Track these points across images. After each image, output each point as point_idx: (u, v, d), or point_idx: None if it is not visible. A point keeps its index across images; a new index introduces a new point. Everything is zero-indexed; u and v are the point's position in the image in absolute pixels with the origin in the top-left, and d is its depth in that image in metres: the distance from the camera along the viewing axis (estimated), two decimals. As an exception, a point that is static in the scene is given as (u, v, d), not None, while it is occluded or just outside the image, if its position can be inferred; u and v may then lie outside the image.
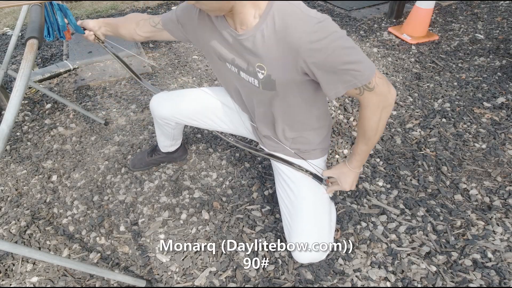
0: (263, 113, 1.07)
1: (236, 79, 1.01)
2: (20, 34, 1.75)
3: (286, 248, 1.32)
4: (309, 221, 1.07)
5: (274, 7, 0.80)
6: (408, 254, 1.28)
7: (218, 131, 1.33)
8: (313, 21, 0.77)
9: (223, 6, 0.80)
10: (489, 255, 1.26)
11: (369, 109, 0.89)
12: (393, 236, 1.35)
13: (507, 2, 3.17)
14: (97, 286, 1.23)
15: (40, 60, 2.65)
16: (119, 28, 1.21)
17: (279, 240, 1.35)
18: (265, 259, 1.29)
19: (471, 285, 1.18)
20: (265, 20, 0.82)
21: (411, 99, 2.06)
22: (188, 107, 1.24)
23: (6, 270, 1.29)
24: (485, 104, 1.98)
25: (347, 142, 1.78)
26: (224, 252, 1.32)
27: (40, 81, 2.32)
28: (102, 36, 1.29)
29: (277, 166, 1.22)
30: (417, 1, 2.63)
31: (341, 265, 1.27)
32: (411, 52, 2.52)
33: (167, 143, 1.52)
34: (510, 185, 1.51)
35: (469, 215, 1.40)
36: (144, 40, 1.20)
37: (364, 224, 1.39)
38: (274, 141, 1.16)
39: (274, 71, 0.87)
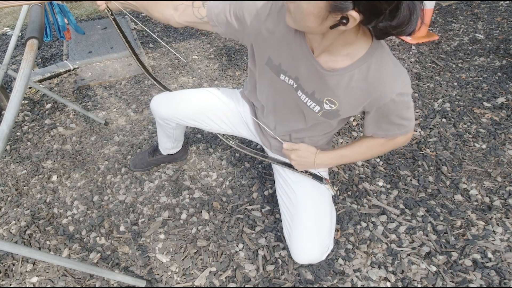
0: (295, 126, 1.06)
1: (287, 93, 0.95)
2: (20, 34, 1.75)
3: (286, 248, 1.32)
4: (309, 222, 1.07)
5: (375, 57, 0.78)
6: (408, 254, 1.28)
7: (219, 134, 1.33)
8: (403, 81, 0.80)
9: (318, 29, 0.70)
10: (489, 255, 1.26)
11: (391, 144, 0.99)
12: (393, 236, 1.35)
13: (507, 2, 3.17)
14: (97, 286, 1.23)
15: (40, 60, 2.65)
16: (149, 9, 1.07)
17: (279, 240, 1.35)
18: (265, 259, 1.29)
19: (471, 285, 1.18)
20: (360, 65, 0.79)
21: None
22: (188, 107, 1.24)
23: (6, 270, 1.29)
24: (485, 104, 1.98)
25: (347, 143, 1.78)
26: (224, 252, 1.32)
27: (40, 81, 2.33)
28: (115, 7, 1.13)
29: (277, 168, 1.22)
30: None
31: (341, 265, 1.27)
32: (411, 52, 2.53)
33: (169, 145, 1.52)
34: (510, 185, 1.51)
35: (469, 215, 1.40)
36: (181, 26, 1.09)
37: (364, 224, 1.39)
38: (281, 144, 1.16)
39: (345, 108, 0.88)
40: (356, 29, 0.74)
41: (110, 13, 1.14)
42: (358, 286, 1.21)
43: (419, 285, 1.20)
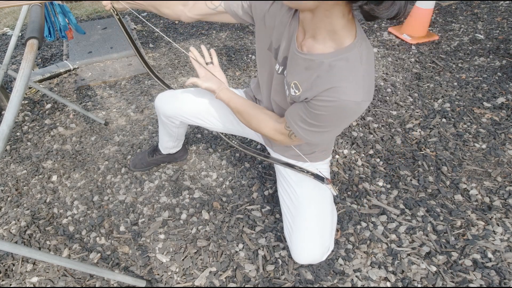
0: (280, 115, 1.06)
1: (279, 77, 0.97)
2: (20, 34, 1.75)
3: (286, 248, 1.32)
4: (311, 222, 1.07)
5: (351, 54, 0.75)
6: (408, 254, 1.28)
7: (222, 133, 1.33)
8: (358, 97, 0.75)
9: (307, 4, 0.71)
10: (489, 255, 1.26)
11: (275, 131, 0.99)
12: (393, 236, 1.35)
13: (507, 2, 3.17)
14: (97, 286, 1.23)
15: (40, 60, 2.65)
16: (158, 6, 1.08)
17: (279, 240, 1.35)
18: (265, 259, 1.29)
19: (471, 285, 1.18)
20: (332, 56, 0.77)
21: (411, 99, 2.06)
22: (193, 105, 1.24)
23: (6, 270, 1.29)
24: (485, 104, 1.98)
25: (347, 142, 1.78)
26: (224, 252, 1.32)
27: (40, 81, 2.33)
28: (121, 6, 1.13)
29: (279, 168, 1.22)
30: (417, 1, 2.63)
31: (341, 265, 1.27)
32: (411, 52, 2.53)
33: (170, 144, 1.52)
34: (510, 185, 1.51)
35: (469, 215, 1.40)
36: (193, 21, 1.11)
37: (364, 224, 1.39)
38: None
39: (306, 94, 0.84)
40: (342, 16, 0.72)
41: (115, 13, 1.15)
42: (358, 286, 1.21)
43: (419, 285, 1.20)
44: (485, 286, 1.18)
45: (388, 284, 1.20)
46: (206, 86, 1.04)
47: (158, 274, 1.26)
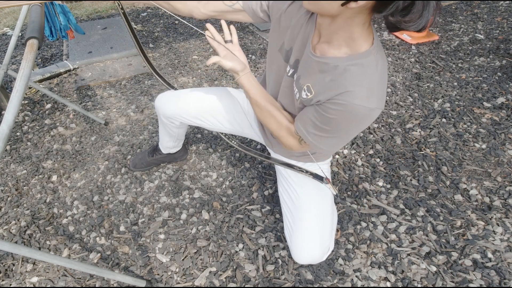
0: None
1: (288, 79, 0.96)
2: (20, 34, 1.75)
3: (286, 248, 1.32)
4: (311, 222, 1.07)
5: (367, 60, 0.75)
6: (408, 254, 1.28)
7: (222, 134, 1.33)
8: (371, 104, 0.74)
9: (330, 7, 0.69)
10: (489, 255, 1.26)
11: (287, 132, 0.98)
12: (393, 236, 1.35)
13: (507, 2, 3.17)
14: (97, 286, 1.23)
15: (40, 60, 2.65)
16: (171, 0, 1.04)
17: (279, 240, 1.35)
18: (265, 259, 1.29)
19: (471, 285, 1.18)
20: (347, 61, 0.77)
21: (411, 99, 2.06)
22: (194, 106, 1.23)
23: (6, 270, 1.29)
24: (485, 104, 1.98)
25: (347, 142, 1.78)
26: (224, 252, 1.32)
27: (40, 81, 2.32)
28: (126, 1, 1.13)
29: (279, 168, 1.22)
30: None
31: (341, 265, 1.27)
32: (411, 52, 2.52)
33: (170, 144, 1.52)
34: (510, 185, 1.51)
35: (469, 215, 1.40)
36: (206, 18, 1.07)
37: (364, 224, 1.39)
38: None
39: (319, 97, 0.83)
40: (362, 24, 0.72)
41: (120, 6, 1.14)
42: (358, 286, 1.21)
43: (419, 285, 1.20)
44: (485, 286, 1.18)
45: (388, 284, 1.20)
46: (230, 66, 0.94)
47: (158, 274, 1.26)
